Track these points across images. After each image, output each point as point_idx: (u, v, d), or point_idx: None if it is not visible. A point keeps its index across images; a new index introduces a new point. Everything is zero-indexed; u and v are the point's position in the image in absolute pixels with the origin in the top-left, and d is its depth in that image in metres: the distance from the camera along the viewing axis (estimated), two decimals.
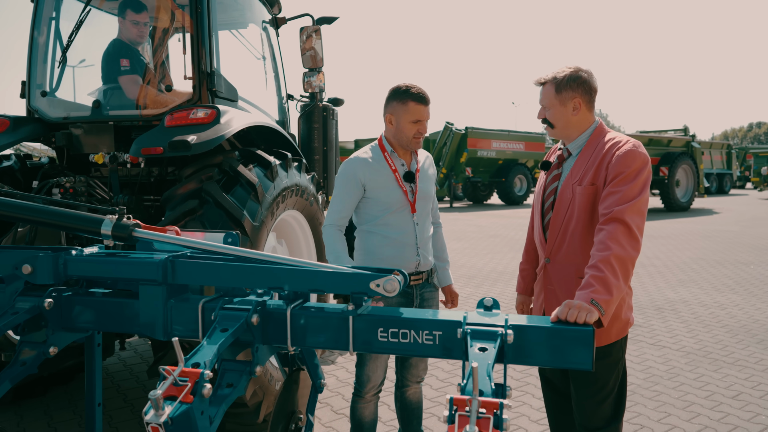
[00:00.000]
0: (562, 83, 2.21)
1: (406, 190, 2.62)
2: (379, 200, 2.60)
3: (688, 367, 4.38)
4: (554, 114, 2.25)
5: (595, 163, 2.18)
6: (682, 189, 18.73)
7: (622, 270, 1.93)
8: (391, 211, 2.60)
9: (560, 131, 2.28)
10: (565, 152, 2.33)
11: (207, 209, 2.90)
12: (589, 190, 2.17)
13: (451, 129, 21.70)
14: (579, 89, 2.22)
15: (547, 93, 2.24)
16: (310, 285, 1.84)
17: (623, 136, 2.23)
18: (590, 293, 1.83)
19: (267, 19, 4.52)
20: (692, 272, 8.18)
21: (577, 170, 2.23)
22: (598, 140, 2.24)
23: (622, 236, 1.97)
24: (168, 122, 3.15)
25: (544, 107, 2.28)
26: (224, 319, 1.81)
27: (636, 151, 2.12)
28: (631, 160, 2.10)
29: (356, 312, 1.80)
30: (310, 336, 1.85)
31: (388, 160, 2.63)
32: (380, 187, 2.59)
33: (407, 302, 2.68)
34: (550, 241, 2.30)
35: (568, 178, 2.25)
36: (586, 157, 2.23)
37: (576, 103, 2.22)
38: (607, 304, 1.83)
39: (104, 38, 3.79)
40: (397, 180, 2.62)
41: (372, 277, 1.78)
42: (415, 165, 2.71)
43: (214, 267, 1.90)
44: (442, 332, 1.73)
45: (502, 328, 1.64)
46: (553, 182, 2.33)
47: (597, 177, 2.16)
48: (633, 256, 1.98)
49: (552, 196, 2.31)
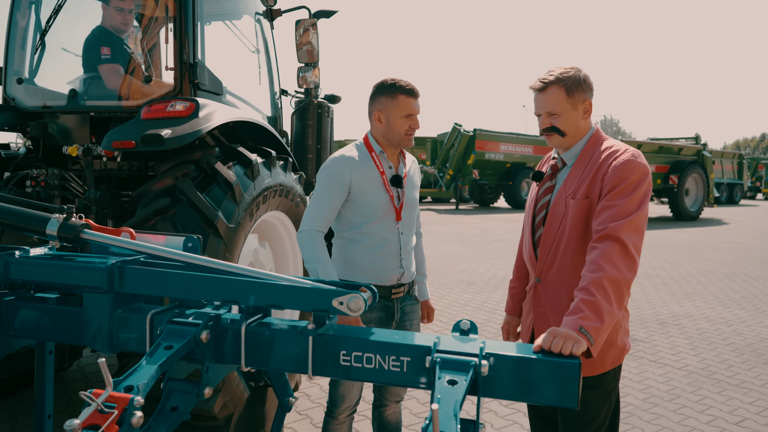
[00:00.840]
0: (573, 85, 1.98)
1: (392, 196, 2.42)
2: (363, 205, 2.39)
3: (690, 388, 4.17)
4: (566, 120, 2.00)
5: (590, 175, 1.98)
6: (692, 198, 18.43)
7: (615, 294, 1.72)
8: (375, 218, 2.39)
9: (571, 139, 2.04)
10: (560, 162, 2.11)
11: (179, 208, 2.73)
12: (583, 204, 1.96)
13: (459, 130, 21.51)
14: (589, 91, 2.02)
15: (557, 97, 1.99)
16: (266, 300, 1.66)
17: (621, 144, 2.02)
18: (579, 320, 1.63)
19: (261, 10, 4.34)
20: (698, 285, 7.94)
21: (571, 182, 2.03)
22: (594, 149, 2.03)
23: (617, 256, 1.77)
24: (144, 115, 2.98)
25: (550, 114, 2.01)
26: (170, 334, 1.63)
27: (635, 161, 1.92)
28: (629, 171, 1.90)
29: (317, 332, 1.61)
30: (266, 356, 1.67)
31: (376, 161, 2.42)
32: (366, 191, 2.38)
33: (387, 317, 2.47)
34: (540, 259, 2.10)
35: (561, 191, 2.04)
36: (581, 168, 2.02)
37: (587, 107, 2.02)
38: (598, 333, 1.63)
39: (89, 25, 3.63)
40: (385, 184, 2.41)
41: (335, 294, 1.60)
42: (403, 169, 2.51)
43: (162, 275, 1.73)
44: (410, 358, 1.55)
45: (476, 358, 1.45)
46: (545, 195, 2.11)
47: (591, 189, 1.96)
48: (628, 278, 1.77)
49: (544, 210, 2.10)
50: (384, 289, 2.42)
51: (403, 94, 2.36)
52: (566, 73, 2.01)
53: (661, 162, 17.73)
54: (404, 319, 2.53)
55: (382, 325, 2.44)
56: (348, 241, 2.43)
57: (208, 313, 1.69)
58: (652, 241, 12.66)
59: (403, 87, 2.36)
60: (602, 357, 1.96)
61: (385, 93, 2.38)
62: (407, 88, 2.37)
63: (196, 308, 1.80)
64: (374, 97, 2.42)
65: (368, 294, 1.63)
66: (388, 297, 2.45)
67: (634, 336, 5.45)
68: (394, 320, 2.49)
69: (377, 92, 2.41)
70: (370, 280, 2.39)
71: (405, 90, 2.36)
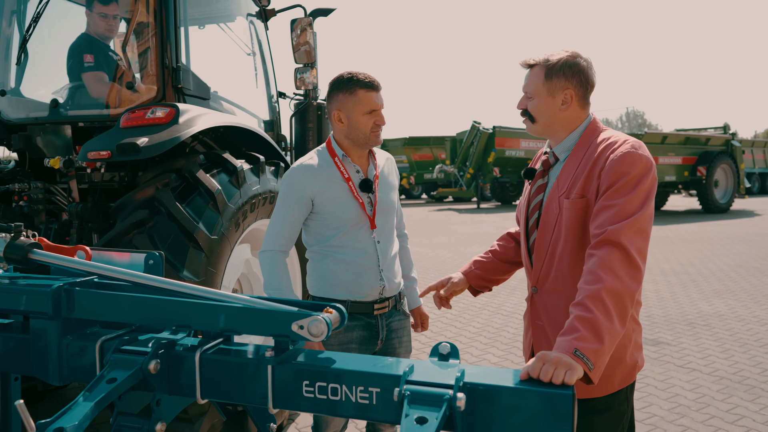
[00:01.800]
0: (555, 68, 1.78)
1: (363, 203, 2.20)
2: (331, 217, 2.19)
3: (720, 396, 3.89)
4: (539, 105, 1.82)
5: (585, 170, 1.75)
6: (721, 189, 17.82)
7: (617, 308, 1.49)
8: (346, 229, 2.18)
9: (542, 128, 1.85)
10: (551, 157, 1.89)
11: (159, 221, 2.58)
12: (579, 204, 1.74)
13: (478, 128, 21.20)
14: (574, 79, 1.79)
15: (534, 78, 1.82)
16: (218, 324, 1.49)
17: (621, 135, 1.78)
18: (574, 341, 1.41)
19: (254, 11, 4.19)
20: (730, 281, 7.57)
21: (564, 179, 1.80)
22: (589, 141, 1.80)
23: (618, 263, 1.54)
24: (124, 123, 2.84)
25: (527, 95, 1.85)
26: (115, 364, 1.47)
27: (635, 153, 1.68)
28: (629, 164, 1.66)
29: (276, 360, 1.43)
30: (223, 387, 1.49)
31: (340, 167, 2.20)
32: (332, 201, 2.17)
33: (371, 336, 2.26)
34: (536, 266, 1.88)
35: (554, 190, 1.82)
36: (574, 163, 1.79)
37: (567, 96, 1.79)
38: (597, 355, 1.41)
39: (74, 33, 3.52)
40: (352, 191, 2.19)
41: (294, 317, 1.42)
42: (373, 170, 2.28)
43: (108, 298, 1.57)
44: (380, 389, 1.35)
45: (451, 390, 1.25)
46: (538, 194, 1.89)
47: (587, 187, 1.73)
48: (632, 288, 1.54)
49: (537, 211, 1.88)
50: (365, 306, 2.22)
51: (363, 88, 2.13)
52: (556, 56, 1.81)
53: (687, 153, 17.19)
54: (391, 336, 2.31)
55: (365, 345, 2.25)
56: (320, 255, 2.23)
57: (162, 339, 1.53)
58: (680, 235, 12.22)
59: (361, 80, 2.13)
60: (609, 376, 1.73)
61: (342, 89, 2.15)
62: (366, 81, 2.13)
63: (154, 333, 1.65)
64: (331, 95, 2.20)
65: (334, 315, 1.45)
66: (371, 314, 2.24)
67: (659, 338, 5.16)
68: (379, 339, 2.28)
69: (333, 89, 2.19)
70: (348, 296, 2.20)
71: (364, 83, 2.13)
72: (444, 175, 23.18)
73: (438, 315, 6.08)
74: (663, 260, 9.21)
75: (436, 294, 2.13)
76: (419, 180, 24.65)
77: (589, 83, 1.82)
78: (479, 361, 4.66)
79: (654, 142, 16.30)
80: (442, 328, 5.60)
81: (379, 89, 2.18)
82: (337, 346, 2.20)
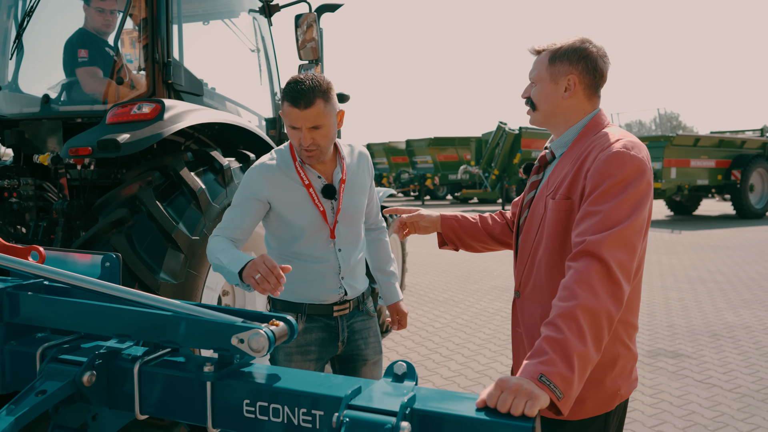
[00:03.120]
0: (559, 53, 1.66)
1: (323, 210, 2.07)
2: (288, 222, 2.07)
3: (741, 415, 3.65)
4: (541, 92, 1.69)
5: (574, 169, 1.59)
6: (757, 194, 17.17)
7: (592, 329, 1.32)
8: (305, 236, 2.07)
9: (543, 117, 1.72)
10: (548, 153, 1.75)
11: (138, 220, 2.50)
12: (563, 206, 1.58)
13: (504, 129, 20.92)
14: (579, 65, 1.64)
15: (539, 64, 1.70)
16: (158, 335, 1.38)
17: (619, 132, 1.61)
18: (540, 365, 1.24)
19: (257, 6, 4.10)
20: (760, 290, 7.21)
21: (554, 178, 1.66)
22: (587, 137, 1.64)
23: (597, 279, 1.37)
24: (109, 119, 2.78)
25: (532, 83, 1.73)
26: (49, 375, 1.37)
27: (625, 153, 1.50)
28: (617, 165, 1.48)
29: (215, 375, 1.31)
30: (163, 403, 1.38)
31: (300, 172, 2.06)
32: (290, 206, 2.05)
33: (330, 337, 2.16)
34: (518, 269, 1.76)
35: (543, 188, 1.69)
36: (568, 161, 1.64)
37: (570, 82, 1.65)
38: (567, 383, 1.24)
39: (72, 28, 3.48)
40: (312, 198, 2.06)
41: (235, 329, 1.30)
42: (339, 174, 2.12)
43: (48, 303, 1.48)
44: (323, 412, 1.23)
45: (395, 418, 1.12)
46: (530, 191, 1.77)
47: (573, 188, 1.57)
48: (609, 309, 1.35)
49: (526, 209, 1.75)
50: (324, 308, 2.13)
51: (287, 101, 1.93)
52: (566, 41, 1.68)
53: (721, 157, 16.61)
54: (355, 338, 2.20)
55: (324, 347, 2.15)
56: (279, 259, 2.11)
57: (102, 349, 1.42)
58: (711, 241, 11.79)
59: (288, 92, 1.92)
60: (582, 398, 1.55)
61: (282, 96, 1.97)
62: (291, 94, 1.90)
63: (102, 340, 1.55)
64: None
65: (280, 329, 1.33)
66: (330, 315, 2.14)
67: (679, 350, 4.91)
68: (340, 340, 2.17)
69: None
70: (304, 300, 2.11)
71: (289, 95, 1.91)
72: (469, 176, 22.92)
73: (448, 320, 5.92)
74: (691, 267, 8.86)
75: (399, 219, 2.05)
76: (444, 181, 24.43)
77: (597, 71, 1.66)
78: (486, 370, 4.49)
79: (686, 145, 15.80)
80: (451, 334, 5.44)
81: (304, 107, 1.90)
82: (296, 347, 2.12)
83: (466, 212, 2.22)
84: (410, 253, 10.11)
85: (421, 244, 11.45)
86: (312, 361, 2.13)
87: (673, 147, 15.30)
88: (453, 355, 4.85)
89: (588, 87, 1.67)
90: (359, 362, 2.23)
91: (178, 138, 3.29)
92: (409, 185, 25.40)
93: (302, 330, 2.09)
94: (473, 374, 4.40)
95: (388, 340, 5.30)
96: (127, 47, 3.64)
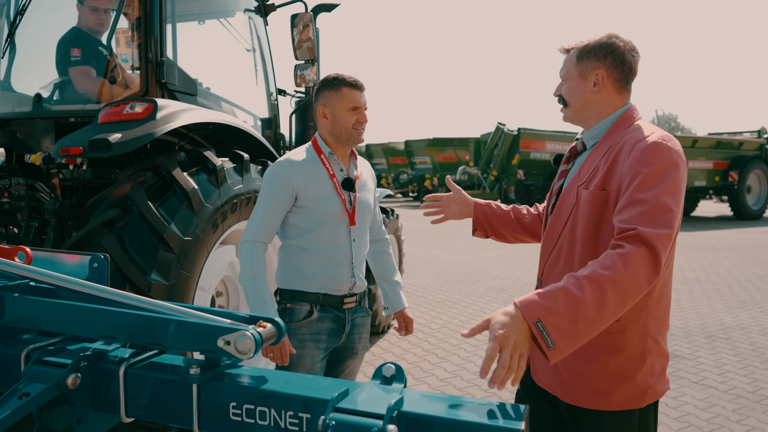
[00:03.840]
0: (587, 49, 1.70)
1: (344, 200, 2.28)
2: (313, 211, 2.24)
3: (735, 416, 3.64)
4: (572, 89, 1.74)
5: (608, 161, 1.61)
6: (754, 196, 17.19)
7: (614, 302, 1.35)
8: (326, 223, 2.25)
9: (575, 112, 1.76)
10: (579, 144, 1.79)
11: (130, 220, 2.49)
12: (598, 197, 1.60)
13: (502, 130, 20.90)
14: (606, 59, 1.67)
15: (568, 62, 1.75)
16: (143, 337, 1.36)
17: (652, 126, 1.64)
18: (542, 310, 1.29)
19: (253, 6, 4.08)
20: (756, 292, 7.21)
21: (587, 168, 1.68)
22: (620, 131, 1.67)
23: (644, 265, 1.39)
24: (101, 118, 2.76)
25: (562, 81, 1.78)
26: (33, 377, 1.36)
27: (663, 144, 1.54)
28: (655, 155, 1.51)
29: (201, 378, 1.30)
30: (149, 405, 1.37)
31: (326, 164, 2.28)
32: (316, 196, 2.24)
33: (338, 329, 2.31)
34: (543, 256, 1.79)
35: (575, 178, 1.71)
36: (600, 152, 1.67)
37: (599, 77, 1.68)
38: (563, 337, 1.27)
39: (66, 27, 3.46)
40: (336, 187, 2.27)
41: (221, 331, 1.28)
42: (354, 171, 2.37)
43: (34, 304, 1.46)
44: (310, 415, 1.21)
45: (381, 421, 1.10)
46: (559, 179, 1.81)
47: (609, 180, 1.59)
48: (643, 288, 1.41)
49: (555, 197, 1.79)
50: (335, 299, 2.29)
51: (347, 86, 2.25)
52: (593, 38, 1.73)
53: (719, 158, 16.62)
54: (353, 331, 2.38)
55: (332, 337, 2.30)
56: (296, 249, 2.26)
57: (88, 351, 1.41)
58: (708, 242, 11.79)
59: (345, 80, 2.26)
60: (607, 389, 1.58)
61: (328, 87, 2.27)
62: (349, 81, 2.26)
63: (88, 342, 1.54)
64: (318, 93, 2.31)
65: (267, 330, 1.32)
66: (339, 307, 2.30)
67: (675, 352, 4.90)
68: (344, 332, 2.33)
69: (320, 88, 2.30)
70: (319, 289, 2.25)
71: (347, 82, 2.26)
72: (467, 176, 22.91)
73: (445, 321, 5.91)
74: (687, 268, 8.86)
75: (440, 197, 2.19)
76: (442, 181, 24.42)
77: (626, 65, 1.69)
78: None
79: (684, 146, 15.61)
80: (448, 335, 5.43)
81: (362, 89, 2.30)
82: (310, 334, 2.26)
83: None
84: (408, 253, 10.10)
85: (418, 245, 11.44)
86: (322, 349, 2.27)
87: None
88: (449, 357, 4.83)
89: (617, 81, 1.69)
90: (350, 355, 2.40)
91: (172, 138, 3.27)
92: (407, 186, 25.40)
93: (316, 318, 2.23)
94: (469, 376, 4.39)
95: (384, 341, 5.29)
96: (122, 46, 3.63)
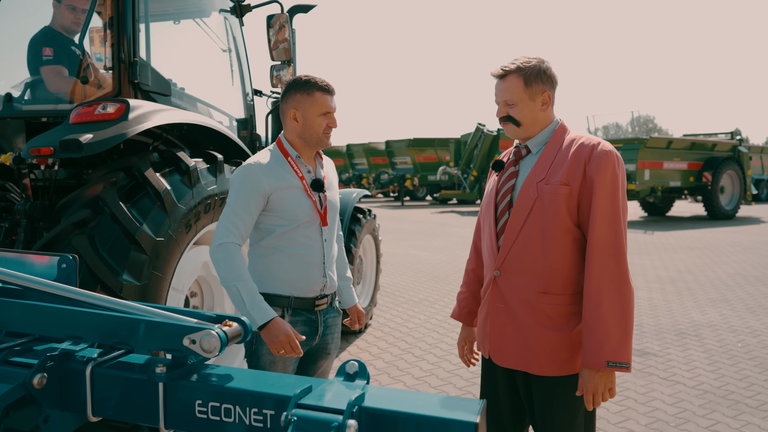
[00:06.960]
0: (532, 76, 1.99)
1: (315, 201, 2.28)
2: (284, 214, 2.23)
3: (701, 411, 3.74)
4: (523, 110, 2.01)
5: (566, 161, 1.94)
6: (727, 196, 17.54)
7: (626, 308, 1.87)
8: (297, 224, 2.24)
9: (526, 130, 2.04)
10: (523, 149, 2.06)
11: (101, 221, 2.49)
12: (563, 191, 1.91)
13: (482, 131, 21.06)
14: (548, 82, 2.01)
15: (514, 87, 2.00)
16: (110, 336, 1.38)
17: (586, 133, 2.03)
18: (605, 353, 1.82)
19: (228, 6, 4.08)
20: (726, 290, 7.39)
21: (541, 168, 1.97)
22: (562, 137, 2.02)
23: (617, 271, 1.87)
24: (73, 118, 2.75)
25: (507, 103, 2.02)
26: None
27: (615, 153, 1.93)
28: (615, 164, 1.91)
29: (167, 377, 1.32)
30: (115, 405, 1.38)
31: (294, 166, 2.27)
32: (287, 199, 2.23)
33: (311, 331, 2.31)
34: (503, 248, 2.00)
35: (531, 176, 1.98)
36: (551, 154, 1.99)
37: (546, 98, 2.01)
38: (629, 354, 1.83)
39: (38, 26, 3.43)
40: (306, 189, 2.26)
41: (187, 330, 1.31)
42: (321, 172, 2.38)
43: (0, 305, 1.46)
44: (274, 412, 1.24)
45: (341, 416, 1.14)
46: (509, 181, 2.05)
47: (571, 176, 1.92)
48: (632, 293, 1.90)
49: (508, 195, 2.03)
50: (307, 302, 2.28)
51: (320, 91, 2.25)
52: (528, 63, 2.00)
53: (694, 159, 16.93)
54: (326, 332, 2.38)
55: (306, 340, 2.29)
56: (268, 250, 2.25)
57: (54, 351, 1.42)
58: (682, 241, 12.02)
59: (318, 83, 2.25)
60: (571, 357, 1.94)
61: (299, 90, 2.25)
62: (322, 85, 2.26)
63: (55, 342, 1.55)
64: (288, 95, 2.29)
65: (233, 329, 1.34)
66: (312, 310, 2.30)
67: (646, 349, 5.01)
68: (318, 334, 2.33)
69: (291, 89, 2.28)
70: (291, 291, 2.24)
71: (321, 87, 2.25)
72: (448, 177, 23.04)
73: (422, 320, 5.96)
74: (661, 267, 9.03)
75: (466, 352, 2.32)
76: (423, 182, 24.53)
77: (556, 83, 2.04)
78: (457, 369, 4.53)
79: (659, 147, 16.07)
80: (425, 334, 5.48)
81: (333, 93, 2.32)
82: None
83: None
84: (387, 253, 10.14)
85: (396, 245, 11.49)
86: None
87: (646, 149, 15.55)
88: (425, 355, 4.88)
89: (554, 97, 2.05)
90: (323, 355, 2.40)
91: (146, 138, 3.27)
92: (388, 186, 25.44)
93: (288, 322, 2.22)
94: (444, 374, 4.44)
95: (361, 340, 5.32)
96: (96, 46, 3.61)
